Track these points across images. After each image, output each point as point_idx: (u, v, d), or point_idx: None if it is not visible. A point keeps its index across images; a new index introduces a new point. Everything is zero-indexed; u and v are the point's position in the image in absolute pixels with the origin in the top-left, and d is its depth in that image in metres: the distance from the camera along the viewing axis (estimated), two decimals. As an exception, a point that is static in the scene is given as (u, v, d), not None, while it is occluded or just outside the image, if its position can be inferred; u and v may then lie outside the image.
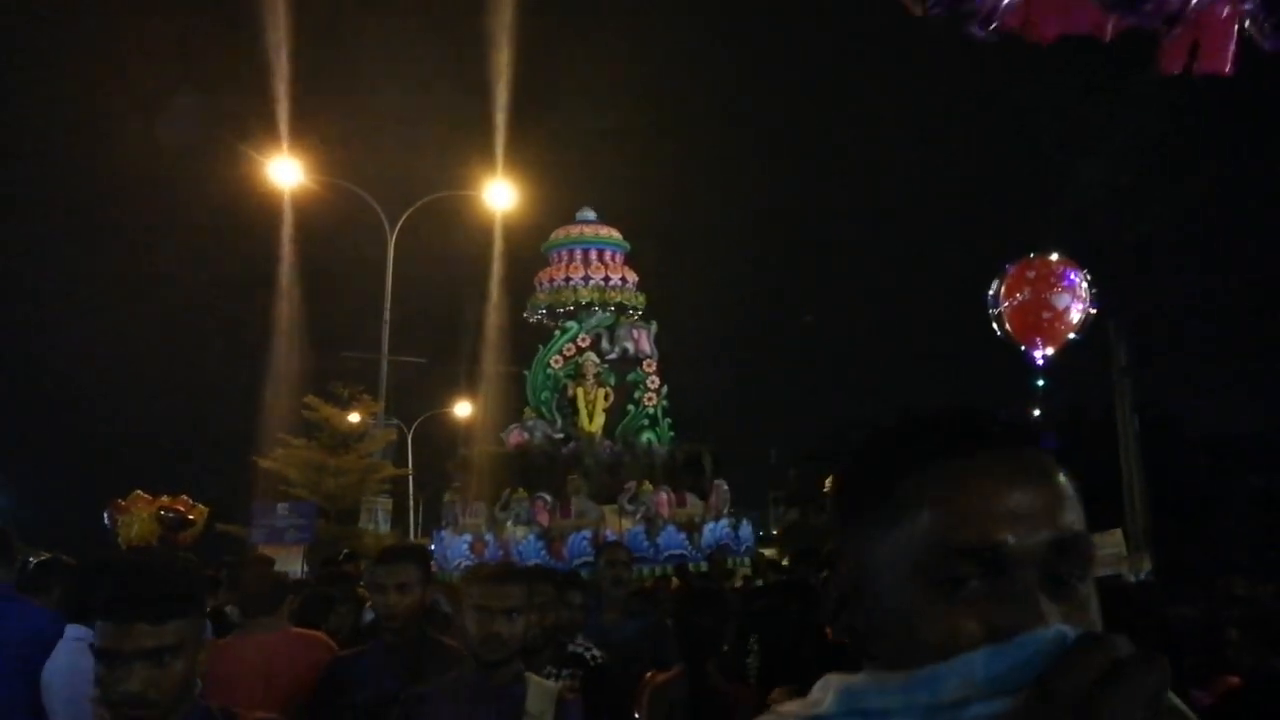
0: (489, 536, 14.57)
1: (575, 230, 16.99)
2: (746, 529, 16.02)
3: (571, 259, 16.71)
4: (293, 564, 13.96)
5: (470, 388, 24.03)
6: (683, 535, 14.75)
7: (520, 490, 14.64)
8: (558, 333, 16.88)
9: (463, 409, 25.67)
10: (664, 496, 14.95)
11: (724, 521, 15.74)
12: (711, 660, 3.62)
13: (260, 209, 21.14)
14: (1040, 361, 11.62)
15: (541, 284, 16.83)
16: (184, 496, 20.32)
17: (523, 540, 14.14)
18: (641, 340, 16.89)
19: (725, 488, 15.97)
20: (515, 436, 16.27)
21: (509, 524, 14.56)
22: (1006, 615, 0.64)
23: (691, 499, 15.69)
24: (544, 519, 14.54)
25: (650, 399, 16.81)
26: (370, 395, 22.40)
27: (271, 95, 18.89)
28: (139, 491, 19.40)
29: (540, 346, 16.94)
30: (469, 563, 14.62)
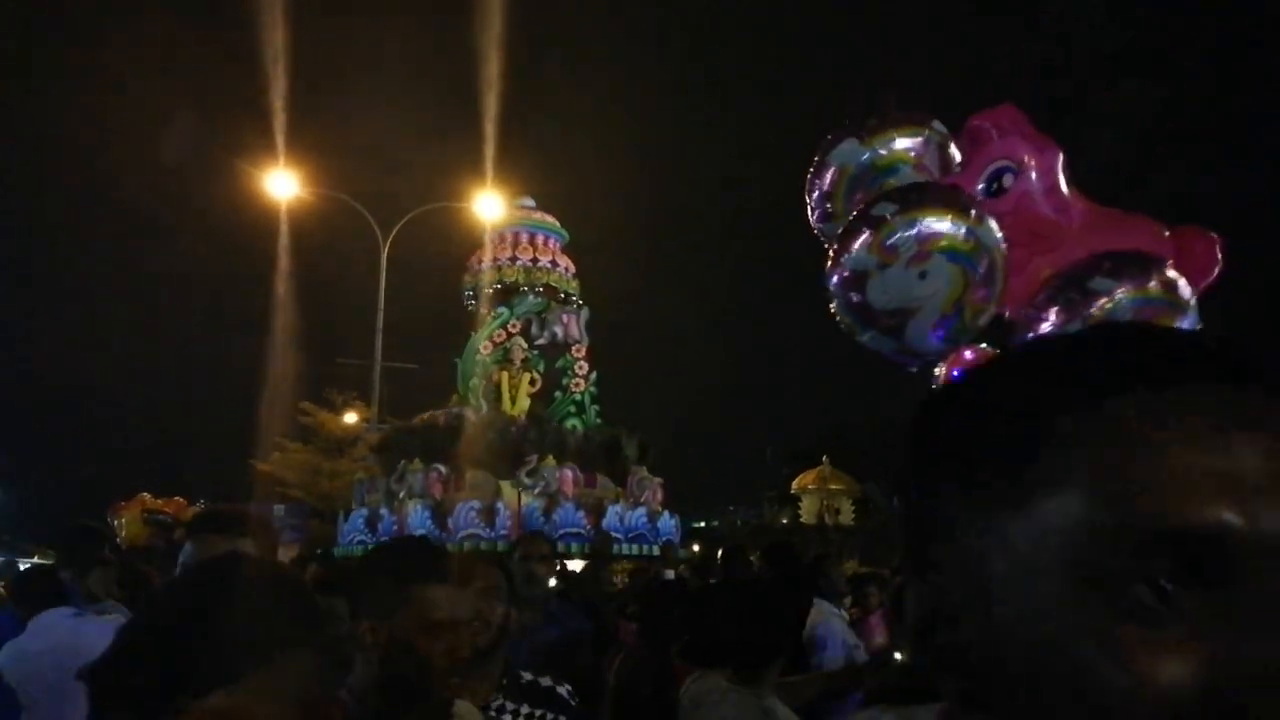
0: (384, 511, 14.29)
1: (507, 214, 16.83)
2: (668, 522, 15.19)
3: (502, 241, 16.54)
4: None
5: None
6: (582, 514, 14.09)
7: (415, 462, 14.32)
8: (490, 319, 16.66)
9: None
10: (569, 474, 14.35)
11: (641, 510, 15.01)
12: (675, 645, 3.75)
13: (258, 221, 22.11)
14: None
15: (471, 266, 16.70)
16: (177, 499, 21.05)
17: (412, 512, 13.81)
18: (571, 325, 16.46)
19: (644, 475, 15.24)
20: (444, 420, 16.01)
21: (401, 496, 14.25)
22: (1250, 647, 0.40)
23: (604, 481, 15.02)
24: (437, 491, 14.16)
25: (578, 384, 16.30)
26: (364, 400, 22.85)
27: (268, 111, 19.86)
28: (144, 494, 20.20)
29: (472, 333, 16.76)
30: (363, 538, 14.38)
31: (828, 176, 4.77)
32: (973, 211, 4.09)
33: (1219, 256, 4.71)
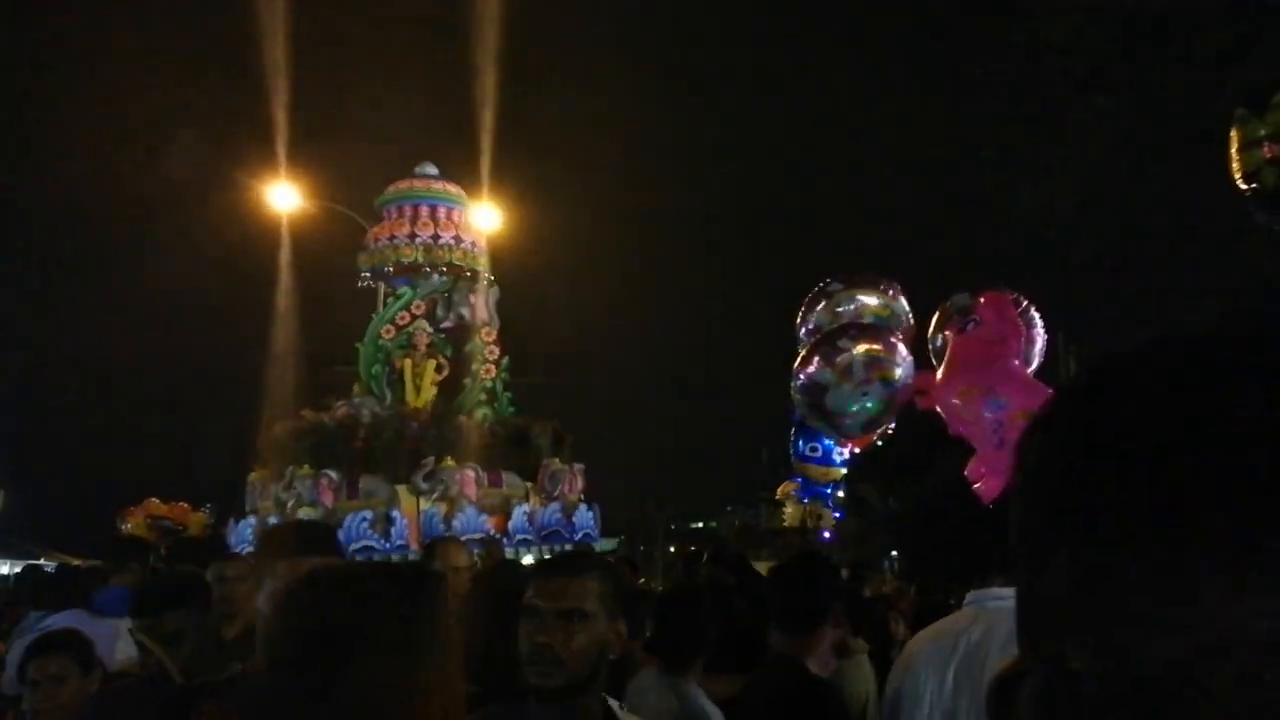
0: (273, 520, 13.12)
1: (405, 185, 15.34)
2: (585, 516, 14.13)
3: (400, 215, 15.09)
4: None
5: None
6: (484, 518, 12.99)
7: (305, 468, 13.11)
8: (391, 300, 15.30)
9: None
10: (470, 475, 13.19)
11: (553, 506, 13.93)
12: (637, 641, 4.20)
13: (259, 231, 21.36)
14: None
15: (368, 245, 15.25)
16: (181, 504, 20.45)
17: (300, 524, 12.65)
18: (479, 306, 15.14)
19: (557, 466, 14.11)
20: (341, 414, 14.77)
21: (290, 505, 13.07)
22: None
23: (511, 479, 13.89)
24: (328, 499, 12.98)
25: (489, 371, 15.04)
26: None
27: (268, 124, 18.79)
28: (152, 499, 19.60)
29: (373, 316, 15.39)
30: (252, 549, 13.25)
31: None
32: None
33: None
